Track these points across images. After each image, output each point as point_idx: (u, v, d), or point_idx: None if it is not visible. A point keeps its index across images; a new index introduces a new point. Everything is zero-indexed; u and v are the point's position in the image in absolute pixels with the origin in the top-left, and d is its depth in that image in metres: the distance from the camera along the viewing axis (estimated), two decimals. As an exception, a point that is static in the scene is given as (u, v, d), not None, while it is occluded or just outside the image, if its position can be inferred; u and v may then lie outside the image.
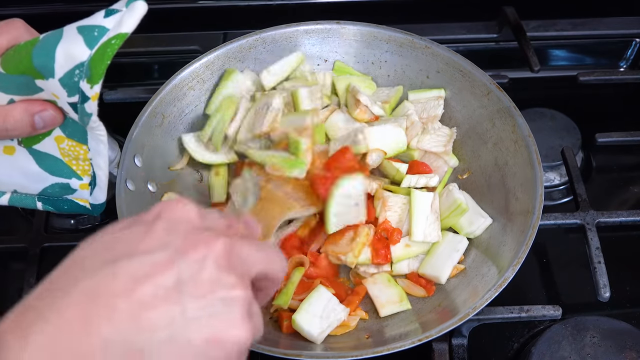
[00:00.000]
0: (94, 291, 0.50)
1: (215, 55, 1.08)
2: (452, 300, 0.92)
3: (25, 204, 0.89)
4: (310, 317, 0.89)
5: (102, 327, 0.49)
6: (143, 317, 0.50)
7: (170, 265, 0.53)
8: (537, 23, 1.35)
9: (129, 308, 0.50)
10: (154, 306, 0.51)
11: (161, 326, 0.51)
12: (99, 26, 0.73)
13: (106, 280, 0.51)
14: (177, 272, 0.53)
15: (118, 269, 0.52)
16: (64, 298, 0.50)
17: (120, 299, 0.50)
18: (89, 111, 0.76)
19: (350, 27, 1.12)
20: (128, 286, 0.51)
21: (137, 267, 0.52)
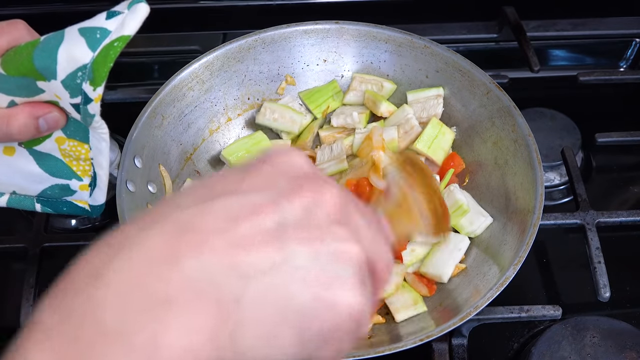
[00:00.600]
0: (184, 225, 0.43)
1: (214, 56, 1.08)
2: (453, 299, 0.92)
3: (24, 206, 0.89)
4: None
5: (188, 266, 0.42)
6: (238, 258, 0.42)
7: (272, 206, 0.45)
8: (537, 23, 1.35)
9: (222, 246, 0.42)
10: (252, 247, 0.43)
11: (259, 272, 0.43)
12: (101, 28, 0.73)
13: (199, 216, 0.44)
14: (281, 214, 0.45)
15: (213, 205, 0.45)
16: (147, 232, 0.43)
17: (211, 235, 0.43)
18: (92, 112, 0.76)
19: (349, 27, 1.12)
20: (222, 224, 0.43)
21: (234, 205, 0.44)
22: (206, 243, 0.42)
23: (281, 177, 0.48)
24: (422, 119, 1.08)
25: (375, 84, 1.11)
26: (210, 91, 1.09)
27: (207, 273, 0.42)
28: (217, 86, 1.10)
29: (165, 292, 0.41)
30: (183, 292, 0.41)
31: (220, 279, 0.42)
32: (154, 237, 0.43)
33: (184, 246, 0.42)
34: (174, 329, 0.40)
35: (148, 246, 0.43)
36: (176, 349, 0.40)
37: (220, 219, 0.44)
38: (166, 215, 0.44)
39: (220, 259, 0.42)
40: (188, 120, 1.07)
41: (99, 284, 0.41)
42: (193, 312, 0.41)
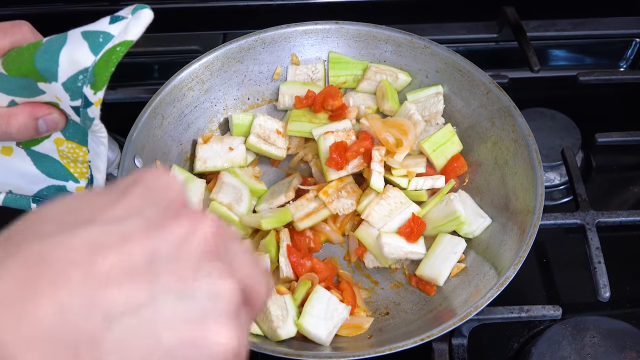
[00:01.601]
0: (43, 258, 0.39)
1: (214, 56, 1.08)
2: (453, 299, 0.92)
3: (20, 205, 0.89)
4: (315, 320, 0.89)
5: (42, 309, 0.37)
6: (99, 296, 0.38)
7: (142, 237, 0.41)
8: (537, 23, 1.35)
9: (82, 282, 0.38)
10: (116, 284, 0.39)
11: (123, 311, 0.39)
12: (104, 32, 0.73)
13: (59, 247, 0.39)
14: (152, 247, 0.41)
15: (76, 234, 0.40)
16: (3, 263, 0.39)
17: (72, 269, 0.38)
18: (92, 116, 0.76)
19: (349, 27, 1.12)
20: (85, 256, 0.39)
21: (100, 235, 0.40)
22: (64, 279, 0.38)
23: (153, 202, 0.44)
24: (425, 117, 1.08)
25: (390, 74, 1.11)
26: (210, 91, 1.09)
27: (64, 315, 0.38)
28: (217, 86, 1.10)
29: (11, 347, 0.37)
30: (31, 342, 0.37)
31: (78, 321, 0.38)
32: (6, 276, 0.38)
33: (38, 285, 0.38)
34: None
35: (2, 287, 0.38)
36: None
37: (82, 251, 0.39)
38: (23, 247, 0.40)
39: (79, 297, 0.38)
40: (188, 120, 1.07)
41: None
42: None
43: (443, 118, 1.09)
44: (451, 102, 1.08)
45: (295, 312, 0.90)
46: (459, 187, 1.04)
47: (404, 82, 1.11)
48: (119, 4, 1.28)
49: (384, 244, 0.96)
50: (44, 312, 0.38)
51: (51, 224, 0.42)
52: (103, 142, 0.82)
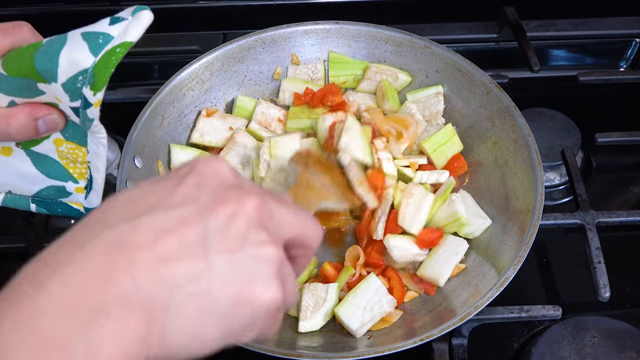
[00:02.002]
0: (115, 243, 0.48)
1: (214, 56, 1.08)
2: (453, 300, 0.92)
3: (19, 205, 0.89)
4: (354, 309, 0.89)
5: (120, 280, 0.47)
6: (165, 270, 0.48)
7: (196, 219, 0.50)
8: (537, 23, 1.35)
9: (150, 260, 0.48)
10: (177, 259, 0.48)
11: (184, 281, 0.48)
12: (104, 33, 0.72)
13: (127, 233, 0.49)
14: (204, 226, 0.50)
15: (141, 222, 0.49)
16: (83, 250, 0.48)
17: (141, 251, 0.48)
18: (91, 117, 0.76)
19: (350, 27, 1.12)
20: (150, 239, 0.48)
21: (161, 220, 0.49)
22: (136, 260, 0.48)
23: (206, 189, 0.53)
24: (426, 118, 1.08)
25: (390, 74, 1.11)
26: (210, 91, 1.09)
27: (137, 287, 0.47)
28: (217, 86, 1.10)
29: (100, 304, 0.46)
30: (115, 305, 0.46)
31: (149, 290, 0.47)
32: (90, 257, 0.47)
33: (116, 264, 0.47)
34: (108, 338, 0.45)
35: (85, 265, 0.47)
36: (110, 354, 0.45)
37: (146, 236, 0.49)
38: (98, 234, 0.49)
39: (148, 272, 0.47)
40: (188, 120, 1.07)
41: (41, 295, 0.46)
42: (124, 323, 0.46)
43: (443, 118, 1.09)
44: (451, 102, 1.08)
45: (333, 303, 0.90)
46: (459, 187, 1.04)
47: (404, 82, 1.12)
48: (119, 4, 1.28)
49: (392, 247, 0.95)
50: (122, 283, 0.47)
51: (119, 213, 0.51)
52: (102, 142, 0.82)
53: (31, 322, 0.45)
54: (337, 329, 0.92)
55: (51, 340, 0.44)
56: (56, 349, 0.44)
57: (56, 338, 0.44)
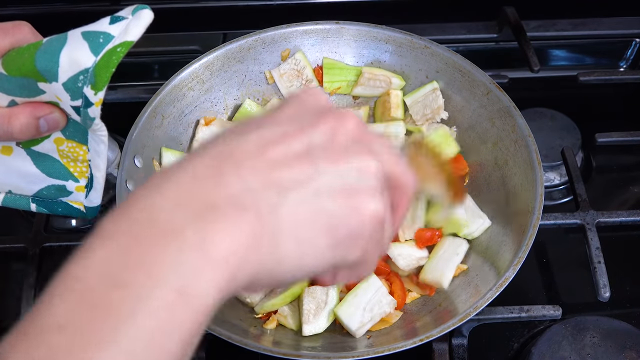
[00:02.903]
0: (225, 153, 0.50)
1: (214, 56, 1.08)
2: (453, 300, 0.92)
3: (19, 205, 0.89)
4: (354, 309, 0.89)
5: (230, 182, 0.48)
6: (274, 174, 0.49)
7: (300, 134, 0.52)
8: (537, 23, 1.35)
9: (259, 165, 0.49)
10: (285, 165, 0.50)
11: (294, 185, 0.50)
12: (105, 33, 0.73)
13: (237, 145, 0.51)
14: (309, 139, 0.52)
15: (249, 136, 0.51)
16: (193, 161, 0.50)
17: (249, 158, 0.50)
18: (92, 115, 0.76)
19: (350, 27, 1.12)
20: (257, 149, 0.50)
21: (267, 134, 0.51)
22: (245, 164, 0.49)
23: (307, 111, 0.55)
24: (428, 116, 1.08)
25: (384, 79, 1.11)
26: (210, 91, 1.09)
27: (247, 188, 0.48)
28: (217, 86, 1.10)
29: (212, 202, 0.47)
30: (227, 203, 0.47)
31: (259, 193, 0.48)
32: (200, 162, 0.49)
33: (225, 168, 0.49)
34: (221, 232, 0.46)
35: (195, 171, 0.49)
36: (223, 248, 0.46)
37: (255, 146, 0.50)
38: (209, 147, 0.51)
39: (257, 176, 0.49)
40: (188, 120, 1.07)
41: (155, 194, 0.47)
42: (236, 220, 0.47)
43: (446, 112, 1.08)
44: (451, 102, 1.08)
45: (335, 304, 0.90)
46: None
47: (398, 86, 1.11)
48: (119, 4, 1.28)
49: (397, 257, 0.95)
50: (233, 185, 0.48)
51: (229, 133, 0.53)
52: (103, 140, 0.82)
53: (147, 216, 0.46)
54: (337, 329, 0.92)
55: (167, 231, 0.45)
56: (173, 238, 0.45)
57: (172, 228, 0.45)
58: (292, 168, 0.50)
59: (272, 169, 0.49)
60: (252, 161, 0.50)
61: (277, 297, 0.91)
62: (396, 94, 1.09)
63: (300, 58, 1.12)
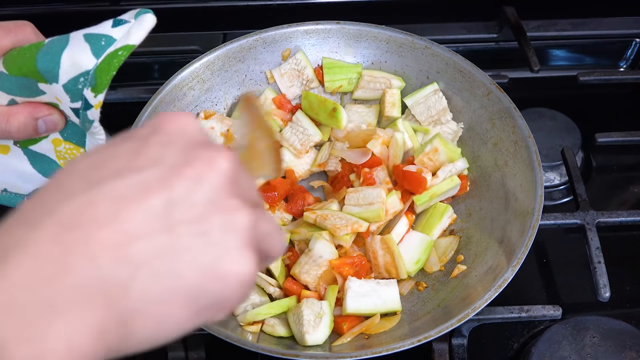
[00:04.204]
0: (72, 220, 0.43)
1: (215, 55, 1.08)
2: (452, 300, 0.92)
3: (14, 204, 0.89)
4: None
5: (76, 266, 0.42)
6: (126, 248, 0.43)
7: (161, 185, 0.45)
8: (537, 23, 1.35)
9: (110, 239, 0.43)
10: (139, 235, 0.43)
11: (147, 260, 0.43)
12: (107, 36, 0.73)
13: (86, 206, 0.43)
14: (169, 193, 0.45)
15: (101, 192, 0.44)
16: (35, 231, 0.42)
17: (99, 228, 0.43)
18: (91, 118, 0.76)
19: (350, 27, 1.12)
20: (110, 213, 0.43)
21: (123, 188, 0.44)
22: (94, 239, 0.43)
23: (172, 149, 0.48)
24: (434, 117, 1.07)
25: (384, 81, 1.11)
26: (210, 90, 1.09)
27: (95, 272, 0.42)
28: (218, 86, 1.10)
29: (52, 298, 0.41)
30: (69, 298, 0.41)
31: (109, 272, 0.42)
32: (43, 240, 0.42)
33: (72, 245, 0.42)
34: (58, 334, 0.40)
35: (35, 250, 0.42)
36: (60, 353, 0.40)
37: (106, 208, 0.43)
38: (53, 208, 0.44)
39: (108, 253, 0.42)
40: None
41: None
42: (78, 314, 0.41)
43: (451, 113, 1.08)
44: (452, 102, 1.08)
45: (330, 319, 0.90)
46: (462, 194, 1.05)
47: (398, 87, 1.11)
48: (119, 4, 1.28)
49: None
50: (79, 267, 0.42)
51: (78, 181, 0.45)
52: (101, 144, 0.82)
53: None
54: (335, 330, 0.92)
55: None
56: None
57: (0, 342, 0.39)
58: (147, 238, 0.44)
59: (124, 242, 0.43)
60: (103, 232, 0.43)
61: (262, 307, 0.91)
62: (392, 93, 1.09)
63: (301, 58, 1.12)
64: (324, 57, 1.13)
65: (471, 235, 1.00)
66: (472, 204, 1.03)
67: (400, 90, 1.11)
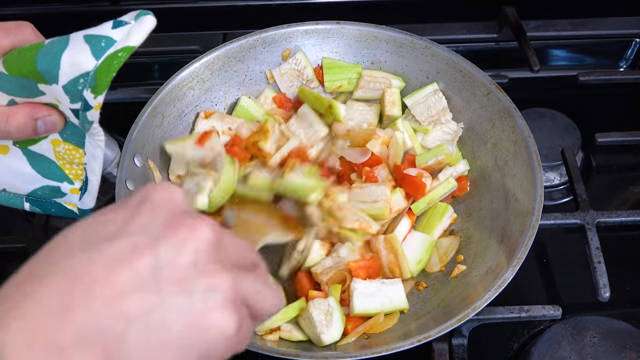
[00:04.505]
0: (72, 276, 0.49)
1: (215, 55, 1.08)
2: (452, 300, 0.92)
3: (13, 204, 0.90)
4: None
5: (79, 316, 0.48)
6: (119, 305, 0.49)
7: (148, 249, 0.51)
8: (537, 23, 1.35)
9: (106, 294, 0.49)
10: (129, 293, 0.49)
11: (138, 314, 0.49)
12: (107, 37, 0.73)
13: (85, 263, 0.50)
14: (156, 257, 0.51)
15: (97, 252, 0.50)
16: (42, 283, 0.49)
17: (97, 284, 0.49)
18: (91, 119, 0.76)
19: (350, 27, 1.12)
20: (105, 272, 0.49)
21: (114, 251, 0.50)
22: (94, 294, 0.49)
23: (159, 217, 0.54)
24: (434, 117, 1.07)
25: (384, 81, 1.11)
26: (210, 90, 1.09)
27: (94, 323, 0.48)
28: (218, 85, 1.10)
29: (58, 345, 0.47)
30: (73, 344, 0.47)
31: (106, 324, 0.48)
32: (49, 290, 0.48)
33: (75, 298, 0.48)
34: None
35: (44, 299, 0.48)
36: None
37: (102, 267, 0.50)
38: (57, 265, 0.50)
39: (105, 307, 0.48)
40: (188, 120, 1.07)
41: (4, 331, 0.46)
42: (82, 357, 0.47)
43: (451, 113, 1.08)
44: (452, 103, 1.08)
45: (340, 313, 0.90)
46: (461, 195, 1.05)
47: (397, 87, 1.11)
48: (119, 4, 1.28)
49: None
50: (80, 319, 0.48)
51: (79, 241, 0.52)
52: (100, 145, 0.82)
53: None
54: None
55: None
56: None
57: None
58: (137, 296, 0.49)
59: (118, 298, 0.49)
60: (100, 289, 0.49)
61: (278, 314, 0.91)
62: (391, 92, 1.09)
63: (301, 58, 1.12)
64: (324, 57, 1.13)
65: (471, 235, 1.00)
66: (472, 204, 1.03)
67: (399, 90, 1.11)
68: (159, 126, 1.02)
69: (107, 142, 0.86)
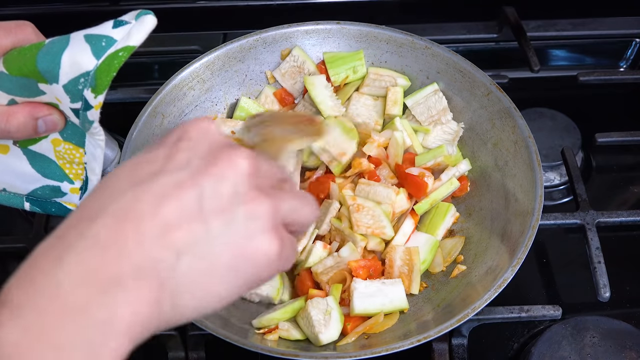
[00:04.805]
0: (122, 214, 0.52)
1: (215, 55, 1.08)
2: (452, 300, 0.92)
3: (13, 203, 0.90)
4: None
5: (131, 250, 0.50)
6: (168, 237, 0.51)
7: (191, 183, 0.53)
8: (537, 23, 1.35)
9: (155, 228, 0.51)
10: (178, 226, 0.52)
11: (187, 246, 0.52)
12: (107, 36, 0.73)
13: (132, 202, 0.52)
14: (199, 189, 0.53)
15: (141, 191, 0.53)
16: (94, 224, 0.51)
17: (146, 220, 0.51)
18: (91, 119, 0.76)
19: (350, 27, 1.12)
20: (152, 207, 0.52)
21: (159, 188, 0.53)
22: (143, 227, 0.51)
23: (197, 151, 0.56)
24: (434, 117, 1.07)
25: (389, 80, 1.11)
26: (210, 90, 1.09)
27: (147, 253, 0.51)
28: (218, 85, 1.10)
29: (115, 275, 0.49)
30: (129, 275, 0.50)
31: (158, 256, 0.51)
32: (101, 230, 0.51)
33: (126, 232, 0.51)
34: (124, 305, 0.49)
35: (97, 239, 0.51)
36: (126, 320, 0.49)
37: (148, 204, 0.52)
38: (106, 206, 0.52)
39: (155, 240, 0.51)
40: (188, 120, 1.07)
41: (60, 267, 0.49)
42: (139, 290, 0.50)
43: (452, 113, 1.08)
44: (452, 103, 1.08)
45: (338, 313, 0.89)
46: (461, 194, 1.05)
47: (403, 86, 1.11)
48: (119, 4, 1.28)
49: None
50: (133, 253, 0.50)
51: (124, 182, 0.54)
52: (100, 145, 0.82)
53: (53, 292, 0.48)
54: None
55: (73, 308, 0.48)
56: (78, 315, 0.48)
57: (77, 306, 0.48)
58: (184, 228, 0.52)
59: (167, 231, 0.51)
60: (149, 223, 0.51)
61: (276, 312, 0.91)
62: (394, 91, 1.09)
63: (298, 53, 1.12)
64: (325, 52, 1.13)
65: (471, 235, 1.00)
66: (472, 204, 1.03)
67: (404, 89, 1.11)
68: (159, 126, 1.02)
69: (108, 141, 0.86)
